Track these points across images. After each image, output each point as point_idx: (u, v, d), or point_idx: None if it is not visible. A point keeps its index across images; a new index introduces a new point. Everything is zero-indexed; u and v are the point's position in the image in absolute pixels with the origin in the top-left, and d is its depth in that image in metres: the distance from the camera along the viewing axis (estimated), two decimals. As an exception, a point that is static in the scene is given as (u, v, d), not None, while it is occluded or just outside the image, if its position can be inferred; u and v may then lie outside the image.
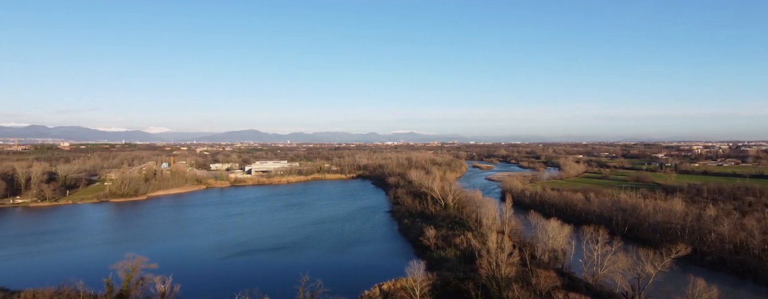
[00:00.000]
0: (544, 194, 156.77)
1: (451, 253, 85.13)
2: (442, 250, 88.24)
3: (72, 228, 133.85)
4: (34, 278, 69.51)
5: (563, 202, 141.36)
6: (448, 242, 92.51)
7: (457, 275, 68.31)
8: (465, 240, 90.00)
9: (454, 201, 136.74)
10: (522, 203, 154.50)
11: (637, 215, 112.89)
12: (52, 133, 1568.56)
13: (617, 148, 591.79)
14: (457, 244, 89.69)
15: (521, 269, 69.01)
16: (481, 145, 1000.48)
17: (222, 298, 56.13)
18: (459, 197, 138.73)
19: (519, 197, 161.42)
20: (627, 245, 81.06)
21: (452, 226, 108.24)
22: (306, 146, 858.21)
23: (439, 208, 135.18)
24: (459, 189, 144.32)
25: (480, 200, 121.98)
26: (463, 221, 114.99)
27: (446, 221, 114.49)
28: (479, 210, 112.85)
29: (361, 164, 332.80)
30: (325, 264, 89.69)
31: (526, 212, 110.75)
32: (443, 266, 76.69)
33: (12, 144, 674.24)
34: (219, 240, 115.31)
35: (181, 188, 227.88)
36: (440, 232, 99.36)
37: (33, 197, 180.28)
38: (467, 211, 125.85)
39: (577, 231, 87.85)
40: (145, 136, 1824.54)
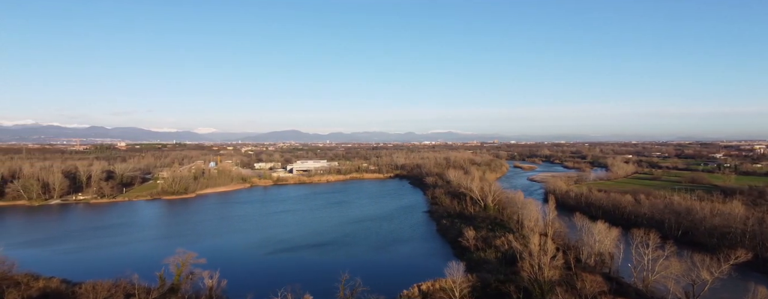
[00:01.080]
0: (590, 195, 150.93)
1: (491, 255, 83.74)
2: (482, 252, 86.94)
3: (128, 223, 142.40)
4: (94, 270, 74.35)
5: (611, 204, 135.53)
6: (488, 243, 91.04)
7: (497, 277, 67.17)
8: (506, 242, 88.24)
9: (494, 202, 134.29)
10: (566, 204, 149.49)
11: (691, 218, 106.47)
12: (110, 133, 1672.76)
13: (670, 148, 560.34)
14: (498, 246, 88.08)
15: (565, 272, 66.95)
16: (523, 144, 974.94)
17: (265, 294, 57.77)
18: (499, 198, 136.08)
19: (563, 198, 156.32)
20: (680, 249, 76.68)
21: (492, 227, 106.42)
22: (345, 146, 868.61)
23: (478, 209, 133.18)
24: (499, 190, 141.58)
25: (521, 201, 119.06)
26: (503, 222, 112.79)
27: (486, 223, 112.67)
28: (521, 212, 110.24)
29: (398, 163, 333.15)
30: (364, 262, 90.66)
31: (570, 214, 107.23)
32: (483, 267, 75.61)
33: (75, 144, 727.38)
34: (262, 236, 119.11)
35: (227, 186, 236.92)
36: (480, 233, 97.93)
37: (93, 194, 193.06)
38: (508, 212, 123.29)
39: (625, 235, 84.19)
40: (194, 136, 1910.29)
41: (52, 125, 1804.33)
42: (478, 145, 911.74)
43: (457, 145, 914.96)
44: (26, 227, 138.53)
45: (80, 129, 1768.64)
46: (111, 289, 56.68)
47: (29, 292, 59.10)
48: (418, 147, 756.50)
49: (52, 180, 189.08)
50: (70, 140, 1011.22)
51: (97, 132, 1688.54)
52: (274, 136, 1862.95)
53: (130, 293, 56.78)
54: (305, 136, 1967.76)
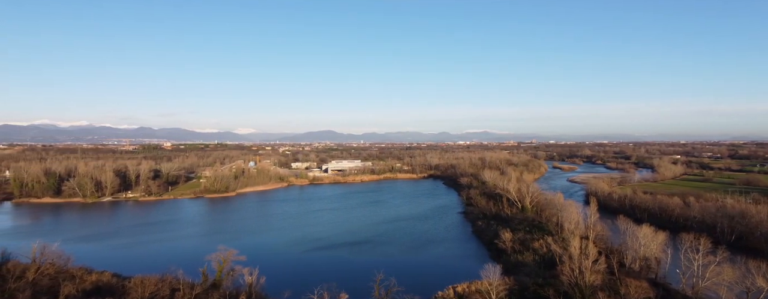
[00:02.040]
0: (635, 197, 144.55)
1: (528, 258, 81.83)
2: (519, 254, 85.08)
3: (173, 220, 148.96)
4: (142, 265, 78.18)
5: (657, 206, 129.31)
6: (526, 246, 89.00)
7: (535, 280, 65.56)
8: (544, 245, 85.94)
9: (531, 204, 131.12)
10: (609, 207, 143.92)
11: (746, 222, 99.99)
12: (156, 134, 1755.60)
13: (723, 148, 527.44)
14: (536, 248, 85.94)
15: (608, 277, 64.50)
16: (563, 144, 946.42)
17: (302, 292, 58.95)
18: (537, 199, 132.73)
19: (605, 200, 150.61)
20: (733, 255, 72.11)
21: (530, 229, 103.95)
22: (378, 146, 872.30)
23: (515, 210, 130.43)
24: (537, 191, 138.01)
25: (561, 203, 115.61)
26: (541, 224, 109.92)
27: (523, 225, 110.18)
28: (560, 214, 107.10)
29: (432, 163, 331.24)
30: (399, 262, 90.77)
31: (613, 216, 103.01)
32: (520, 270, 74.02)
33: (124, 144, 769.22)
34: (299, 235, 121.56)
35: (265, 185, 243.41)
36: (517, 235, 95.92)
37: (141, 192, 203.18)
38: (547, 214, 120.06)
39: (673, 239, 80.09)
40: (234, 136, 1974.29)
41: (105, 126, 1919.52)
42: (515, 145, 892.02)
43: (492, 145, 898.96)
44: (81, 223, 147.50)
45: (130, 130, 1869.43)
46: (158, 284, 59.48)
47: (83, 285, 62.83)
48: (452, 147, 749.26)
49: (105, 179, 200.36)
50: (121, 141, 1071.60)
51: (145, 133, 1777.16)
52: (310, 136, 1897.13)
53: (175, 288, 59.35)
54: (340, 136, 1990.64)
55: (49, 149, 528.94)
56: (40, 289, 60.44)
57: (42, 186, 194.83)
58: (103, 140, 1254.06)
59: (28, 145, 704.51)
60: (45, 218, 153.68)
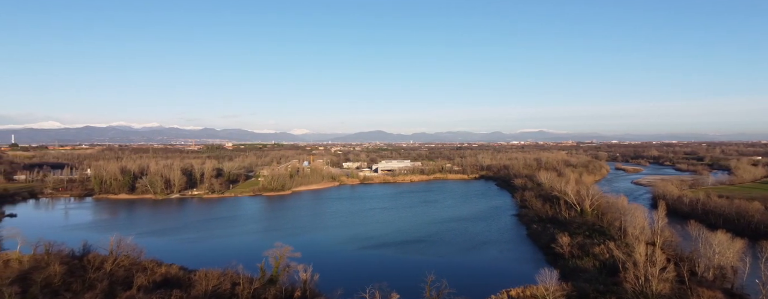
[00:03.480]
0: (709, 201, 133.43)
1: (588, 263, 78.05)
2: (578, 259, 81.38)
3: (234, 216, 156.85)
4: (206, 259, 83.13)
5: (734, 211, 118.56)
6: (585, 251, 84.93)
7: (596, 287, 62.45)
8: (606, 250, 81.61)
9: (591, 207, 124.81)
10: (678, 211, 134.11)
11: None
12: (219, 135, 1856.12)
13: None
14: (596, 254, 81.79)
15: (677, 286, 60.20)
16: (626, 144, 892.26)
17: (354, 290, 59.90)
18: (598, 202, 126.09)
19: (675, 204, 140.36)
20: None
21: (590, 234, 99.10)
22: (428, 146, 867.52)
23: (573, 214, 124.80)
24: (598, 194, 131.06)
25: (624, 206, 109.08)
26: (603, 229, 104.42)
27: (583, 229, 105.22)
28: (624, 218, 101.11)
29: (483, 164, 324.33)
30: (450, 264, 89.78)
31: (683, 222, 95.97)
32: (579, 276, 70.77)
33: (190, 145, 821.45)
34: (351, 233, 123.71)
35: (318, 184, 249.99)
36: (575, 240, 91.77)
37: (205, 189, 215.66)
38: (608, 218, 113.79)
39: (753, 247, 73.45)
40: (289, 137, 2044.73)
41: (173, 128, 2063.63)
42: (574, 145, 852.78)
43: (549, 145, 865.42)
44: (152, 218, 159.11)
45: (195, 131, 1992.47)
46: (220, 277, 63.02)
47: (154, 277, 67.74)
48: (506, 147, 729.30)
49: (173, 177, 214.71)
50: (187, 141, 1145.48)
51: (209, 133, 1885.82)
52: (360, 136, 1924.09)
53: (235, 282, 62.53)
54: (389, 136, 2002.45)
55: (124, 148, 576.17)
56: (116, 279, 65.94)
57: (118, 183, 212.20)
58: (171, 140, 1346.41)
59: (107, 145, 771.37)
60: (120, 213, 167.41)
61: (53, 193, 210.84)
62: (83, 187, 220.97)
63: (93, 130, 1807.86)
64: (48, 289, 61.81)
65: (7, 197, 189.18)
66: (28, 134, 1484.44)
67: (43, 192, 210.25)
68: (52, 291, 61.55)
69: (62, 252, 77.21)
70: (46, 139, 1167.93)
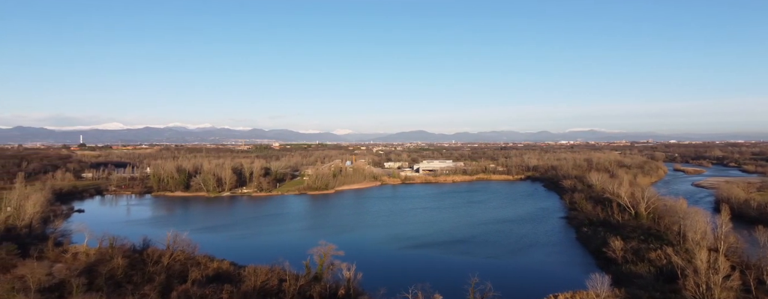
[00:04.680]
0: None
1: (643, 269, 74.04)
2: (632, 265, 77.40)
3: (280, 214, 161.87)
4: (254, 255, 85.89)
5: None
6: (640, 256, 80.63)
7: (652, 294, 59.24)
8: (663, 256, 77.06)
9: (647, 210, 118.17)
10: (745, 215, 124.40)
11: None
12: (266, 135, 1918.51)
13: None
14: (652, 259, 77.41)
15: (742, 296, 56.00)
16: (686, 144, 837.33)
17: (397, 290, 60.03)
18: (654, 205, 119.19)
19: (740, 208, 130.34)
20: None
21: (645, 238, 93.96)
22: (471, 146, 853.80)
23: (627, 217, 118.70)
24: (654, 196, 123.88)
25: (684, 210, 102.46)
26: (659, 233, 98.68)
27: (637, 233, 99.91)
28: (683, 222, 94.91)
29: (530, 164, 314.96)
30: (495, 266, 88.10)
31: (750, 227, 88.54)
32: (633, 283, 67.33)
33: (240, 145, 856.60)
34: (394, 232, 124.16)
35: (360, 183, 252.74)
36: (629, 244, 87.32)
37: (254, 188, 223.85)
38: (666, 222, 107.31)
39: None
40: (333, 137, 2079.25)
41: (224, 128, 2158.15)
42: (628, 145, 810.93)
43: (600, 145, 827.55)
44: (205, 214, 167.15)
45: (244, 131, 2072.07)
46: (268, 274, 65.23)
47: (206, 272, 71.16)
48: (553, 147, 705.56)
49: (224, 176, 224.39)
50: (237, 141, 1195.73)
51: (257, 134, 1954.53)
52: (401, 136, 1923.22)
53: (282, 278, 64.48)
54: (431, 136, 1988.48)
55: (180, 148, 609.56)
56: (173, 273, 69.84)
57: (175, 181, 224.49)
58: (222, 140, 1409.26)
59: (164, 145, 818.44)
60: (176, 209, 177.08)
61: (116, 190, 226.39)
62: (143, 185, 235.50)
63: (152, 131, 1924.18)
64: (111, 281, 66.48)
65: (76, 194, 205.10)
66: (95, 134, 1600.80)
67: (108, 189, 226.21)
68: (115, 283, 66.15)
69: (124, 246, 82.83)
70: (111, 139, 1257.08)
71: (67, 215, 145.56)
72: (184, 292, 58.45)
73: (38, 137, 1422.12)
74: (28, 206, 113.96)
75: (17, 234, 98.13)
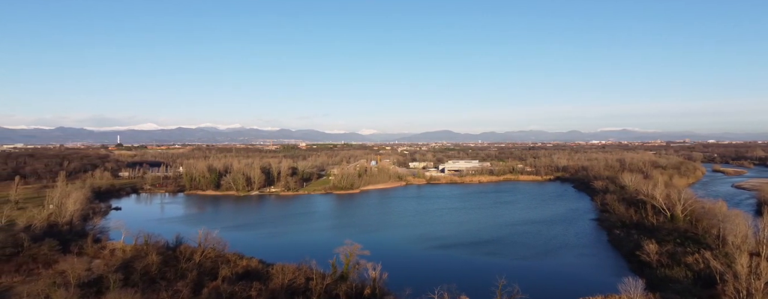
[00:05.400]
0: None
1: (679, 273, 71.31)
2: (667, 269, 74.65)
3: (307, 213, 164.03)
4: (281, 253, 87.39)
5: None
6: (676, 260, 77.68)
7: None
8: (700, 260, 74.06)
9: (683, 212, 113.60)
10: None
11: None
12: (294, 135, 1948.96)
13: None
14: (689, 264, 74.48)
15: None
16: (726, 144, 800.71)
17: (422, 290, 59.89)
18: (691, 207, 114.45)
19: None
20: None
21: (682, 242, 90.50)
22: (497, 146, 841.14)
23: (662, 219, 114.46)
24: (691, 198, 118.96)
25: (723, 212, 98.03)
26: (697, 236, 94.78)
27: (673, 236, 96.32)
28: (722, 225, 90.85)
29: (559, 165, 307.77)
30: (522, 268, 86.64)
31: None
32: (668, 287, 65.02)
33: (268, 145, 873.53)
34: (419, 232, 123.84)
35: (385, 183, 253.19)
36: (664, 248, 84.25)
37: (282, 187, 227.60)
38: (703, 225, 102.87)
39: None
40: (358, 137, 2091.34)
41: (253, 129, 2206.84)
42: (663, 144, 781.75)
43: (634, 145, 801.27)
44: (234, 213, 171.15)
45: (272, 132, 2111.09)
46: (295, 272, 66.34)
47: (236, 269, 72.91)
48: (584, 147, 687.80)
49: (253, 175, 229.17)
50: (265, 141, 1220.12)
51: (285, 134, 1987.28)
52: (426, 136, 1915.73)
53: (309, 277, 65.40)
54: (457, 136, 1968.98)
55: (211, 148, 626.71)
56: (204, 270, 71.94)
57: (206, 180, 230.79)
58: (251, 140, 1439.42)
59: (196, 145, 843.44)
60: (207, 207, 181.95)
61: (151, 189, 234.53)
62: (176, 183, 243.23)
63: (184, 131, 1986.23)
64: (146, 277, 69.04)
65: (113, 192, 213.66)
66: (131, 134, 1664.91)
67: (143, 188, 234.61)
68: (150, 279, 68.63)
69: (158, 243, 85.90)
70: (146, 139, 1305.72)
71: (105, 213, 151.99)
72: (214, 289, 60.10)
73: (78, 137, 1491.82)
74: (69, 204, 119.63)
75: (59, 230, 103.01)
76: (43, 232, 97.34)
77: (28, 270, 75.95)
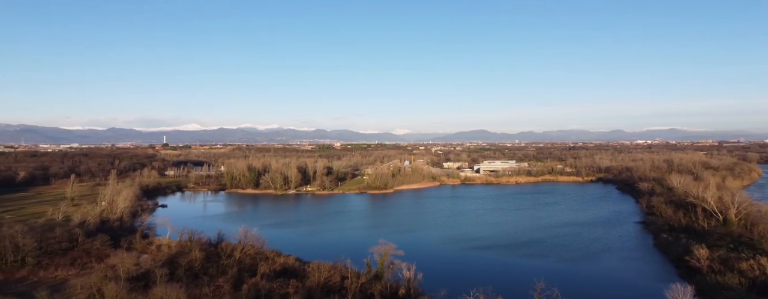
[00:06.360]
0: None
1: (732, 280, 67.20)
2: (719, 275, 70.48)
3: (341, 212, 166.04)
4: (317, 252, 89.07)
5: None
6: (729, 266, 73.31)
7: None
8: (756, 267, 69.63)
9: (738, 216, 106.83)
10: None
11: None
12: (329, 135, 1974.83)
13: None
14: (743, 270, 70.11)
15: None
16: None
17: (457, 292, 59.30)
18: (747, 210, 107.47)
19: None
20: None
21: (735, 247, 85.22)
22: (535, 146, 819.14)
23: (713, 223, 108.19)
24: (747, 201, 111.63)
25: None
26: (752, 242, 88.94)
27: (725, 241, 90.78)
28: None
29: (601, 165, 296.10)
30: (563, 271, 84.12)
31: None
32: (720, 294, 61.75)
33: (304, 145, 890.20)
34: (454, 233, 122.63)
35: (419, 183, 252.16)
36: (716, 253, 79.66)
37: (317, 186, 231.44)
38: (760, 230, 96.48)
39: None
40: (392, 137, 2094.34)
41: (290, 129, 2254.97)
42: (715, 145, 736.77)
43: (683, 145, 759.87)
44: (272, 211, 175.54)
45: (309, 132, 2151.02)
46: (330, 270, 67.43)
47: (274, 266, 74.76)
48: (628, 147, 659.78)
49: (290, 174, 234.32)
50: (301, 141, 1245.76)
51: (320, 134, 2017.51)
52: (461, 136, 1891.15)
53: (344, 275, 66.21)
54: (493, 135, 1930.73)
55: (250, 148, 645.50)
56: (244, 267, 74.26)
57: (246, 179, 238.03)
58: (288, 140, 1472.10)
59: (236, 145, 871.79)
60: (247, 205, 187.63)
61: (194, 187, 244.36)
62: (218, 182, 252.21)
63: (226, 131, 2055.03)
64: (190, 272, 72.03)
65: (160, 190, 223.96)
66: (176, 135, 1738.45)
67: (187, 186, 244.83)
68: (193, 274, 71.56)
69: (201, 240, 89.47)
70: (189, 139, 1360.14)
71: (152, 210, 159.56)
72: (254, 285, 61.88)
73: (128, 138, 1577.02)
74: (119, 201, 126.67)
75: (110, 226, 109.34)
76: (95, 228, 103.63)
77: (82, 263, 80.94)
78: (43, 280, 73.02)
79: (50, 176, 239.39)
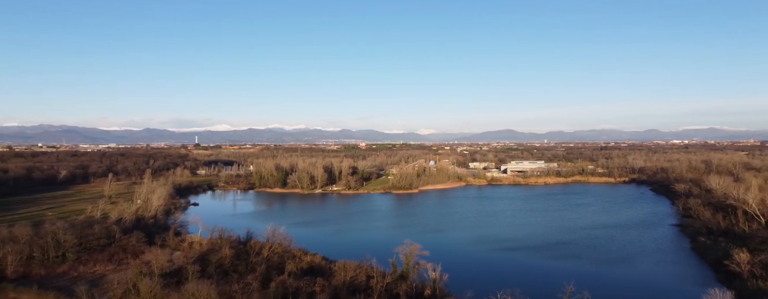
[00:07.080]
0: None
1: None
2: (761, 281, 67.14)
3: (367, 211, 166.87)
4: (343, 251, 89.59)
5: None
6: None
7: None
8: (804, 275, 65.69)
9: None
10: None
11: None
12: (354, 135, 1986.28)
13: None
14: (789, 278, 66.35)
15: None
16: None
17: (484, 293, 58.70)
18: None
19: None
20: None
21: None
22: (565, 146, 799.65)
23: (755, 226, 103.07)
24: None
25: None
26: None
27: (767, 245, 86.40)
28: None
29: (635, 166, 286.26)
30: (594, 274, 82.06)
31: None
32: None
33: (330, 144, 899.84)
34: (480, 234, 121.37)
35: (444, 184, 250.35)
36: (758, 257, 75.89)
37: (343, 186, 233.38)
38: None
39: None
40: (417, 137, 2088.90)
41: (316, 129, 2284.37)
42: (757, 144, 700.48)
43: (722, 144, 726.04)
44: (299, 210, 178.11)
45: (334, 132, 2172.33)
46: (356, 269, 67.92)
47: (301, 264, 75.84)
48: (663, 147, 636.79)
49: (316, 174, 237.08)
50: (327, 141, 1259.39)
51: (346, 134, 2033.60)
52: (488, 136, 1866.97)
53: (370, 275, 66.58)
54: (520, 135, 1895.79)
55: (278, 148, 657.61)
56: (272, 264, 75.69)
57: (273, 178, 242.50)
58: (315, 140, 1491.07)
59: (265, 145, 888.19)
60: (275, 204, 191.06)
61: (225, 186, 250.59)
62: (247, 181, 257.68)
63: (254, 132, 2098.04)
64: (220, 269, 73.98)
65: (192, 189, 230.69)
66: (207, 135, 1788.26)
67: (218, 185, 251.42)
68: (223, 271, 73.46)
69: (231, 238, 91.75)
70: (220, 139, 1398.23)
71: (184, 208, 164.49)
72: (281, 283, 62.98)
73: (162, 138, 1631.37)
74: (154, 200, 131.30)
75: (145, 223, 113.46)
76: (131, 225, 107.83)
77: (119, 259, 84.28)
78: (82, 275, 76.32)
79: (90, 175, 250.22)
